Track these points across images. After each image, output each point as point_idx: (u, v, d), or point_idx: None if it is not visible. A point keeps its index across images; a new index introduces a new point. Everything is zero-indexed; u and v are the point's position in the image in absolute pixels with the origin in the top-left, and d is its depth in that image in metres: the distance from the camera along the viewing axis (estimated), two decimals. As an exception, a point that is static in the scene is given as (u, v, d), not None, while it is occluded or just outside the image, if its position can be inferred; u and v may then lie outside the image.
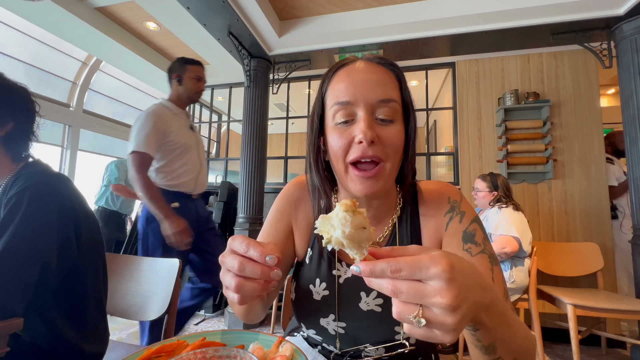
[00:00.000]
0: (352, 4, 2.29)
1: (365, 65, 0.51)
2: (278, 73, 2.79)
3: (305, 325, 0.60)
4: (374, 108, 0.48)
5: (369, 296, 0.55)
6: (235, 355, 0.42)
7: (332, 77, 0.53)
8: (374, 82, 0.48)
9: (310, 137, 0.56)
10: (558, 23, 2.09)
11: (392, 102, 0.48)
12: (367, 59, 0.52)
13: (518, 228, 1.81)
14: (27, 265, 0.63)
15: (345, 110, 0.49)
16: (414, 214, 0.58)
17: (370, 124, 0.47)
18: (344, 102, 0.49)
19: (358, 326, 0.55)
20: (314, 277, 0.59)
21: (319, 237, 0.60)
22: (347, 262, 0.58)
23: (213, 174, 3.53)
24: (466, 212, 0.55)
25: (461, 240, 0.52)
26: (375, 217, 0.58)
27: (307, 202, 0.63)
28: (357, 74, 0.50)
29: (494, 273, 0.48)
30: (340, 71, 0.52)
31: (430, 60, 2.76)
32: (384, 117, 0.48)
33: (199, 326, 2.55)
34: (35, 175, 0.71)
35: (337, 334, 0.56)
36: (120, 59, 3.01)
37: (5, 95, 0.75)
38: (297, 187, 0.65)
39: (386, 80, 0.50)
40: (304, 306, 0.59)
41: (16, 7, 2.25)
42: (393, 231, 0.58)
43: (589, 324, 2.09)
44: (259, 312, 0.59)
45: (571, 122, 2.48)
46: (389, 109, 0.48)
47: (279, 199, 0.65)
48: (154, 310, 0.94)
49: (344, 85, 0.49)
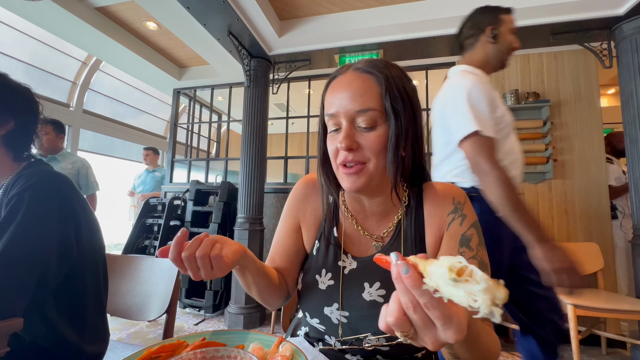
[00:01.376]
0: (352, 4, 2.29)
1: (351, 76, 0.55)
2: (278, 73, 2.79)
3: (309, 315, 0.63)
4: (353, 118, 0.53)
5: (372, 287, 0.58)
6: (235, 355, 0.42)
7: (327, 88, 0.58)
8: (354, 94, 0.53)
9: (318, 140, 0.62)
10: (558, 23, 2.09)
11: (370, 110, 0.52)
12: (355, 68, 0.56)
13: None
14: (28, 265, 0.64)
15: (333, 120, 0.55)
16: (419, 211, 0.61)
17: (348, 133, 0.52)
18: (330, 113, 0.55)
19: (360, 315, 0.57)
20: (320, 267, 0.63)
21: (326, 229, 0.64)
22: (352, 254, 0.62)
23: (213, 174, 3.53)
24: (467, 215, 0.58)
25: (457, 243, 0.56)
26: (380, 213, 0.62)
27: (314, 198, 0.68)
28: (341, 86, 0.55)
29: None
30: (332, 82, 0.57)
31: (430, 60, 2.76)
32: (365, 125, 0.53)
33: (199, 326, 2.55)
34: (36, 175, 0.71)
35: (339, 323, 0.59)
36: (120, 59, 3.01)
37: (7, 95, 0.75)
38: (306, 185, 0.70)
39: (365, 90, 0.53)
40: (310, 295, 0.63)
41: (16, 7, 2.25)
42: (398, 227, 0.61)
43: (589, 324, 2.09)
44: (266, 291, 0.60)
45: (571, 122, 2.48)
46: (367, 118, 0.52)
47: (290, 197, 0.71)
48: (154, 310, 0.94)
49: (331, 97, 0.55)
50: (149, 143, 4.74)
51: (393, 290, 0.31)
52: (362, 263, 0.61)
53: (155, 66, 3.14)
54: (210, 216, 3.03)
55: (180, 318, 2.72)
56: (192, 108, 3.78)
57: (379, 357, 0.59)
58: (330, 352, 0.61)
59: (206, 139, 4.07)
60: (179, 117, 3.88)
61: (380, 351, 0.58)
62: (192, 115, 3.78)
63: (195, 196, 3.02)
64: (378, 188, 0.57)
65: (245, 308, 2.50)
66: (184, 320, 2.66)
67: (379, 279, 0.58)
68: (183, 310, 2.88)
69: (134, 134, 4.44)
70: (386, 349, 0.57)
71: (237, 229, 2.54)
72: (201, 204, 3.07)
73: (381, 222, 0.62)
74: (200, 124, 3.94)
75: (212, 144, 4.41)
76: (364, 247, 0.62)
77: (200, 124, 4.01)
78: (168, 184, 3.60)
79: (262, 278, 0.58)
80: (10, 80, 0.77)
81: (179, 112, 3.90)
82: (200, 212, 3.02)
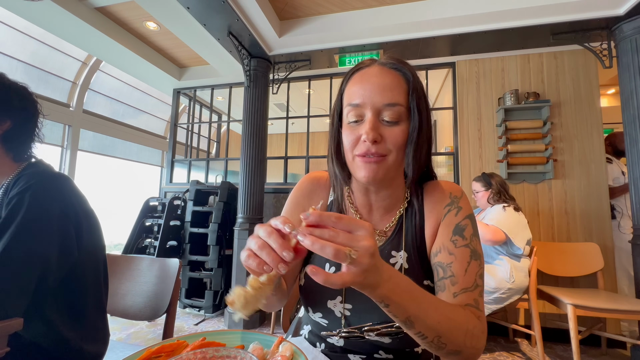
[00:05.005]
0: (352, 4, 2.29)
1: (379, 70, 0.56)
2: (278, 73, 2.79)
3: (312, 309, 0.63)
4: (380, 110, 0.53)
5: None
6: (235, 355, 0.42)
7: (349, 79, 0.58)
8: (383, 87, 0.53)
9: (331, 131, 0.62)
10: (558, 23, 2.09)
11: (398, 106, 0.53)
12: (381, 63, 0.57)
13: (511, 228, 1.86)
14: (28, 266, 0.63)
15: (355, 111, 0.55)
16: (420, 207, 0.62)
17: (374, 125, 0.53)
18: (354, 104, 0.55)
19: (363, 307, 0.58)
20: (324, 261, 0.63)
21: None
22: None
23: (213, 174, 3.53)
24: (463, 207, 0.60)
25: (451, 232, 0.57)
26: (384, 208, 0.63)
27: (319, 194, 0.69)
28: (369, 78, 0.55)
29: (470, 266, 0.54)
30: (356, 74, 0.57)
31: (430, 60, 2.76)
32: (389, 119, 0.53)
33: (199, 326, 2.55)
34: (36, 176, 0.71)
35: (342, 315, 0.59)
36: (120, 59, 3.01)
37: (2, 94, 0.74)
38: (311, 181, 0.71)
39: (394, 85, 0.54)
40: (313, 290, 0.63)
41: (16, 7, 2.25)
42: (399, 222, 0.62)
43: (589, 324, 2.09)
44: (272, 303, 0.61)
45: (571, 122, 2.48)
46: (394, 112, 0.53)
47: (294, 192, 0.71)
48: (154, 310, 0.94)
49: (356, 88, 0.55)
50: (149, 143, 4.74)
51: None
52: None
53: (155, 66, 3.14)
54: (210, 216, 3.03)
55: (180, 318, 2.72)
56: (192, 108, 3.78)
57: (381, 352, 0.59)
58: (332, 353, 0.61)
59: (206, 139, 4.07)
60: (179, 117, 3.88)
61: (382, 346, 0.58)
62: (192, 115, 3.78)
63: (195, 196, 3.02)
64: (390, 182, 0.59)
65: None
66: (184, 320, 2.67)
67: None
68: (183, 310, 2.88)
69: (134, 134, 4.44)
70: (387, 342, 0.57)
71: (237, 229, 2.54)
72: (201, 204, 3.07)
73: (384, 217, 0.64)
74: (200, 124, 3.94)
75: (212, 144, 4.41)
76: None
77: (200, 124, 4.01)
78: (168, 184, 3.60)
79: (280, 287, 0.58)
80: (6, 79, 0.76)
81: (179, 112, 3.90)
82: (200, 212, 3.02)
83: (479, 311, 0.52)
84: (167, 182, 3.62)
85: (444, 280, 0.54)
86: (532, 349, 2.17)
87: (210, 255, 2.81)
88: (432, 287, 0.58)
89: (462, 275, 0.54)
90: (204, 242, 2.92)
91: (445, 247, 0.57)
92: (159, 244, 2.81)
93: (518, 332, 2.35)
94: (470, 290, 0.53)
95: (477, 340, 0.47)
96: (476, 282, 0.54)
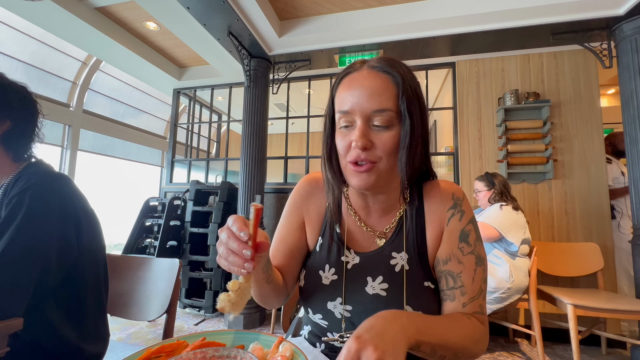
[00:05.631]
0: (352, 4, 2.29)
1: (367, 74, 0.54)
2: (278, 73, 2.79)
3: (312, 310, 0.63)
4: (369, 117, 0.53)
5: (375, 280, 0.59)
6: (235, 355, 0.42)
7: (339, 84, 0.58)
8: (371, 92, 0.52)
9: (324, 135, 0.62)
10: (558, 23, 2.09)
11: (387, 111, 0.52)
12: (371, 66, 0.55)
13: (503, 225, 1.87)
14: (28, 266, 0.63)
15: (345, 117, 0.54)
16: (420, 209, 0.62)
17: (364, 132, 0.52)
18: (344, 110, 0.54)
19: (364, 309, 0.58)
20: (324, 263, 0.63)
21: (329, 225, 0.65)
22: (355, 250, 0.63)
23: (213, 174, 3.53)
24: (465, 211, 0.60)
25: (458, 239, 0.58)
26: (382, 210, 0.63)
27: (318, 196, 0.69)
28: (358, 83, 0.54)
29: (476, 273, 0.57)
30: (345, 79, 0.57)
31: (430, 60, 2.76)
32: (379, 124, 0.53)
33: (199, 326, 2.55)
34: (36, 176, 0.71)
35: (342, 317, 0.60)
36: (120, 59, 3.01)
37: (1, 94, 0.74)
38: (309, 183, 0.71)
39: (383, 89, 0.53)
40: (313, 291, 0.63)
41: (16, 7, 2.25)
42: (399, 223, 0.62)
43: (589, 324, 2.09)
44: (268, 295, 0.60)
45: (571, 122, 2.48)
46: (383, 118, 0.52)
47: (292, 195, 0.71)
48: (154, 310, 0.94)
49: (345, 94, 0.55)
50: (149, 143, 4.74)
51: (395, 283, 0.39)
52: (365, 258, 0.61)
53: (155, 66, 3.14)
54: (210, 216, 3.03)
55: (180, 318, 2.72)
56: (192, 108, 3.78)
57: None
58: (332, 353, 0.61)
59: (206, 139, 4.07)
60: (179, 117, 3.88)
61: None
62: (192, 115, 3.78)
63: (195, 196, 3.02)
64: (385, 186, 0.58)
65: (246, 308, 2.50)
66: (184, 320, 2.67)
67: (381, 273, 0.59)
68: (183, 310, 2.88)
69: (134, 134, 4.44)
70: None
71: (237, 229, 2.54)
72: (201, 204, 3.07)
73: (383, 218, 0.63)
74: (200, 124, 3.94)
75: (212, 144, 4.41)
76: (366, 243, 0.63)
77: (200, 124, 4.01)
78: (168, 184, 3.60)
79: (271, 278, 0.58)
80: (5, 79, 0.76)
81: (179, 112, 3.90)
82: (200, 212, 3.02)
83: (483, 316, 0.55)
84: (167, 182, 3.61)
85: (454, 290, 0.56)
86: (532, 349, 2.17)
87: (210, 255, 2.81)
88: (432, 288, 0.58)
89: (470, 285, 0.56)
90: (204, 242, 2.92)
91: (454, 255, 0.57)
92: (159, 244, 2.81)
93: (518, 332, 2.35)
94: (476, 298, 0.56)
95: (482, 344, 0.53)
96: (481, 288, 0.57)
